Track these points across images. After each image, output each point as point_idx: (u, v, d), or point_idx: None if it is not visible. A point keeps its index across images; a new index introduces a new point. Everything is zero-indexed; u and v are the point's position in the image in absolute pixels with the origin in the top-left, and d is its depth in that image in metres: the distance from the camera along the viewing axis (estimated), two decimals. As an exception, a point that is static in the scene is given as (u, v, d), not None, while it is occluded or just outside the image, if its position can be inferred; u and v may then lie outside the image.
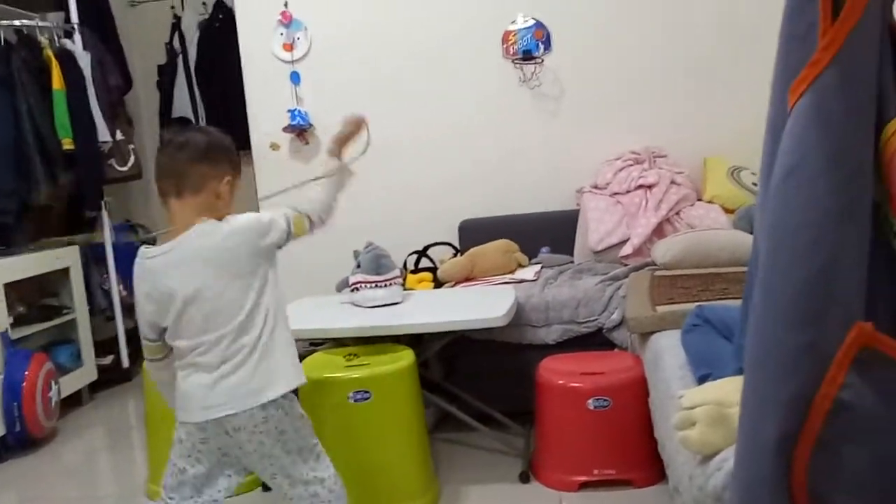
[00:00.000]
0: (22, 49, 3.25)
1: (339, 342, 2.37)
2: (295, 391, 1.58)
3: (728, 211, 2.86)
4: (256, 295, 1.50)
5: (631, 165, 3.07)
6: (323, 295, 2.73)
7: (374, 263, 2.41)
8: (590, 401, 2.07)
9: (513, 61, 3.22)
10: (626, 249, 2.83)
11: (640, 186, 2.97)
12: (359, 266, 2.43)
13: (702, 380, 1.48)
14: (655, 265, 2.62)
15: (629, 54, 3.17)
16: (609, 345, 2.49)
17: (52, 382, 2.95)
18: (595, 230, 2.92)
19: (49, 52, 3.27)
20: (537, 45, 3.20)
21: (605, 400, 2.06)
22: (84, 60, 3.42)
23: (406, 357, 2.12)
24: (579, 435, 2.11)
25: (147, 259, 1.51)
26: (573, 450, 2.12)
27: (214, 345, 1.47)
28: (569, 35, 3.19)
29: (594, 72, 3.20)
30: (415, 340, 2.32)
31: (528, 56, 3.19)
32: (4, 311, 2.90)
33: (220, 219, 1.50)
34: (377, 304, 2.37)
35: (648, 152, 3.10)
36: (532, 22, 3.19)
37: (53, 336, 3.34)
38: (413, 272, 3.05)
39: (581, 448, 2.11)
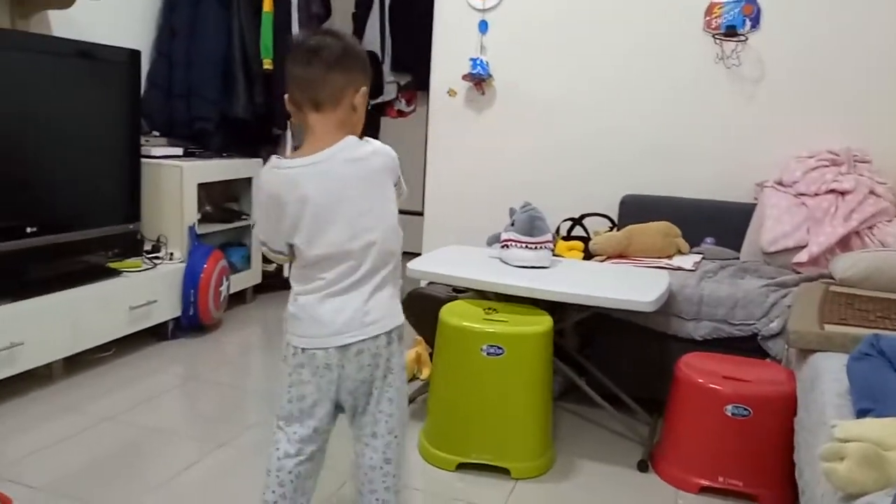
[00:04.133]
0: (241, -29, 3.50)
1: (480, 294, 2.41)
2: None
3: (931, 234, 2.55)
4: (391, 221, 1.44)
5: (825, 166, 2.80)
6: (471, 246, 2.77)
7: (529, 224, 2.40)
8: (728, 406, 1.97)
9: (713, 36, 3.02)
10: (802, 256, 2.62)
11: (832, 191, 2.71)
12: (513, 224, 2.44)
13: (861, 413, 1.36)
14: (832, 279, 2.40)
15: (848, 42, 2.86)
16: (761, 353, 2.34)
17: (225, 278, 3.26)
18: (770, 229, 2.72)
19: (264, -24, 3.50)
20: (744, 21, 2.97)
21: (745, 409, 1.95)
22: (293, -14, 3.63)
23: (544, 323, 2.12)
24: (710, 438, 2.02)
25: (286, 169, 1.39)
26: (701, 451, 2.04)
27: (352, 267, 1.40)
28: (782, 14, 2.93)
29: (803, 58, 2.92)
30: (555, 306, 2.31)
31: (731, 32, 2.97)
32: (195, 207, 3.23)
33: (358, 136, 1.42)
34: (525, 264, 2.37)
35: (849, 155, 2.81)
36: (744, -5, 2.96)
37: (230, 237, 3.67)
38: (565, 238, 3.02)
39: (709, 452, 2.03)
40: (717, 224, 2.95)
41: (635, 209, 3.04)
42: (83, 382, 2.59)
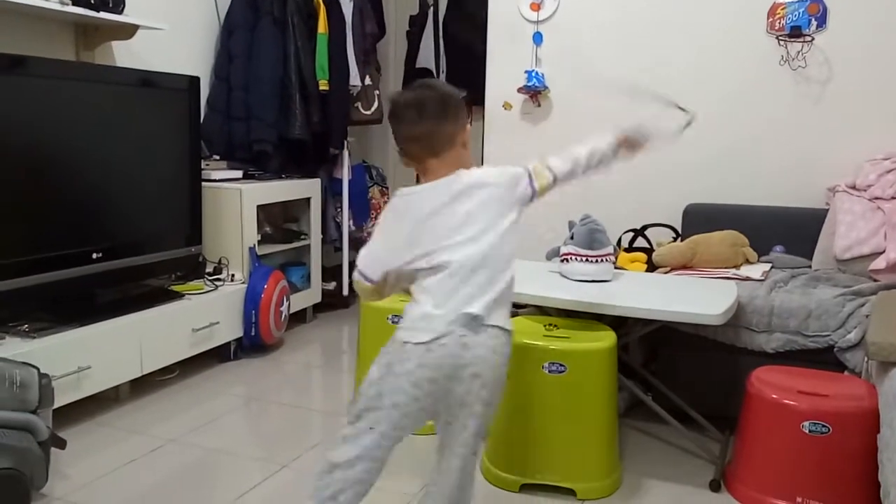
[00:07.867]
0: (297, -6, 3.57)
1: (540, 309, 2.37)
2: None
3: None
4: (506, 240, 1.52)
5: (902, 168, 2.67)
6: (531, 260, 2.72)
7: (588, 238, 2.35)
8: (805, 423, 1.87)
9: (777, 37, 2.91)
10: (879, 263, 2.48)
11: (910, 194, 2.58)
12: (572, 237, 2.39)
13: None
14: (913, 286, 2.27)
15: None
16: (838, 366, 2.22)
17: (285, 298, 3.30)
18: (844, 236, 2.59)
19: (319, -1, 3.56)
20: (809, 20, 2.86)
21: (823, 426, 1.85)
22: (347, 7, 3.68)
23: (607, 338, 2.06)
24: (787, 457, 1.92)
25: (408, 196, 1.54)
26: (777, 471, 1.94)
27: (474, 278, 1.47)
28: (850, 12, 2.81)
29: (874, 56, 2.78)
30: (618, 321, 2.25)
31: (796, 33, 2.86)
32: (255, 229, 3.28)
33: (468, 167, 1.56)
34: (585, 278, 2.32)
35: (927, 155, 2.67)
36: (808, -7, 2.85)
37: (290, 257, 3.72)
38: (627, 250, 2.94)
39: (786, 471, 1.92)
40: (786, 231, 2.84)
41: (700, 218, 2.95)
42: (148, 405, 2.65)
